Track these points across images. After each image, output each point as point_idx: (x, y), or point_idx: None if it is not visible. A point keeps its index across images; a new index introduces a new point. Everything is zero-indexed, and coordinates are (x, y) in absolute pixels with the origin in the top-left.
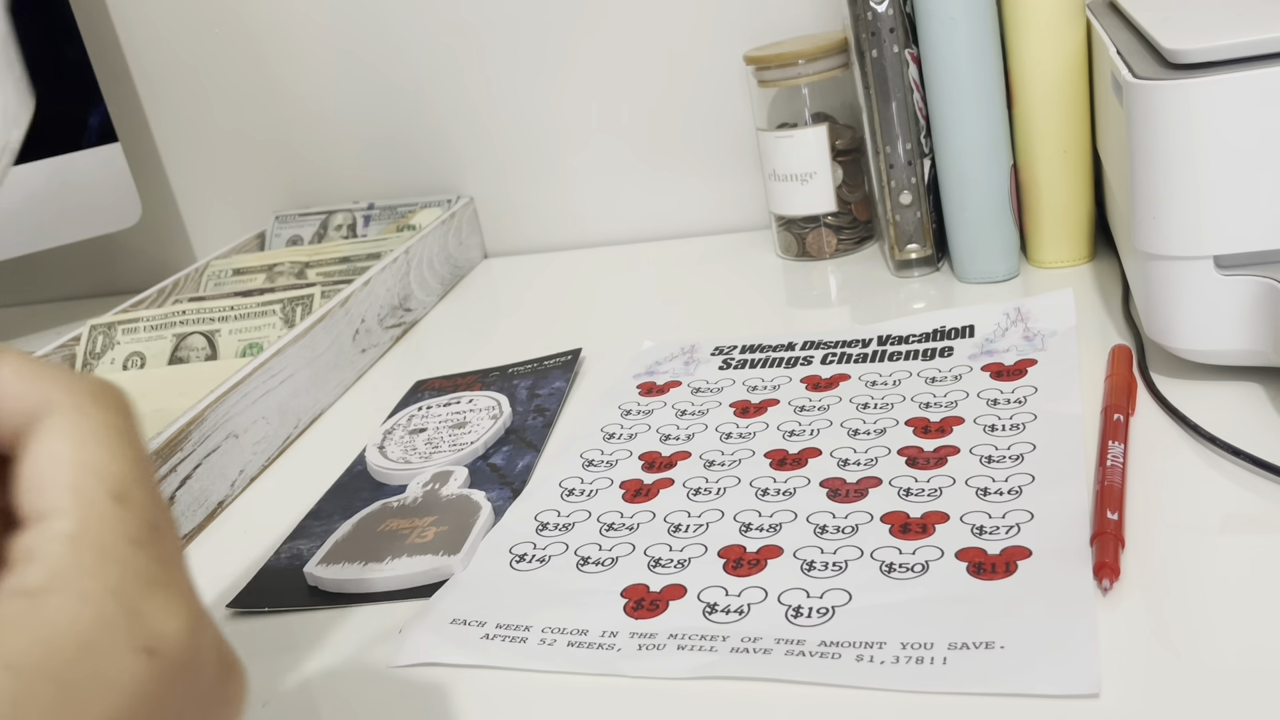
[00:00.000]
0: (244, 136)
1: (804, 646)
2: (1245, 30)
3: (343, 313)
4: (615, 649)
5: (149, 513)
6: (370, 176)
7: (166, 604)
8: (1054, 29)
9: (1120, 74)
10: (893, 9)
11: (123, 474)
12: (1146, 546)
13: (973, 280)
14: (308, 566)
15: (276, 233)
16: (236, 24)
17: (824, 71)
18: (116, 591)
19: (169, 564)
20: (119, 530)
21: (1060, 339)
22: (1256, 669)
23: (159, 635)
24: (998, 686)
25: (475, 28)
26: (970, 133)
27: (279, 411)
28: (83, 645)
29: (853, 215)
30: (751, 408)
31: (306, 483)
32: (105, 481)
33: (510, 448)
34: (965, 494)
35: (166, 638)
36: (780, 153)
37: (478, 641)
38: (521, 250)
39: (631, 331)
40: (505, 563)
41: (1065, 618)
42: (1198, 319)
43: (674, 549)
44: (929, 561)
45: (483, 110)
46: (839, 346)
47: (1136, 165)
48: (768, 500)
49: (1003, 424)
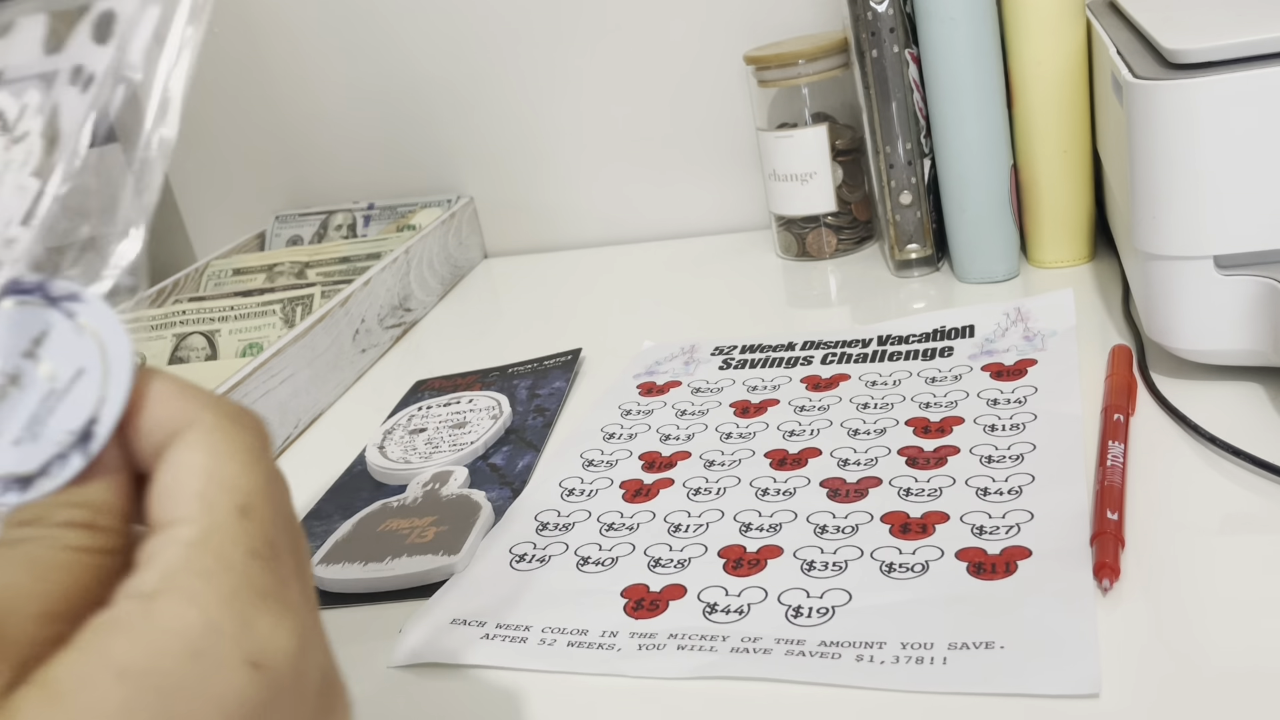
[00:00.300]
0: (244, 136)
1: (804, 646)
2: (1245, 30)
3: (343, 313)
4: (615, 649)
5: (271, 530)
6: (370, 176)
7: (278, 619)
8: (1054, 29)
9: (1120, 74)
10: (893, 9)
11: (251, 489)
12: (1146, 546)
13: (973, 280)
14: None
15: (276, 233)
16: (236, 24)
17: (824, 71)
18: (229, 599)
19: (285, 581)
20: (240, 541)
21: (1060, 339)
22: (1256, 669)
23: (267, 650)
24: (998, 686)
25: (476, 28)
26: (970, 133)
27: (279, 411)
28: (191, 652)
29: (853, 215)
30: (751, 408)
31: (306, 483)
32: (233, 494)
33: (510, 448)
34: (965, 494)
35: (274, 653)
36: (780, 153)
37: (478, 641)
38: (521, 250)
39: (631, 331)
40: (505, 563)
41: (1065, 618)
42: (1198, 319)
43: (674, 549)
44: (929, 561)
45: (483, 110)
46: (839, 346)
47: (1136, 165)
48: (768, 500)
49: (1003, 424)
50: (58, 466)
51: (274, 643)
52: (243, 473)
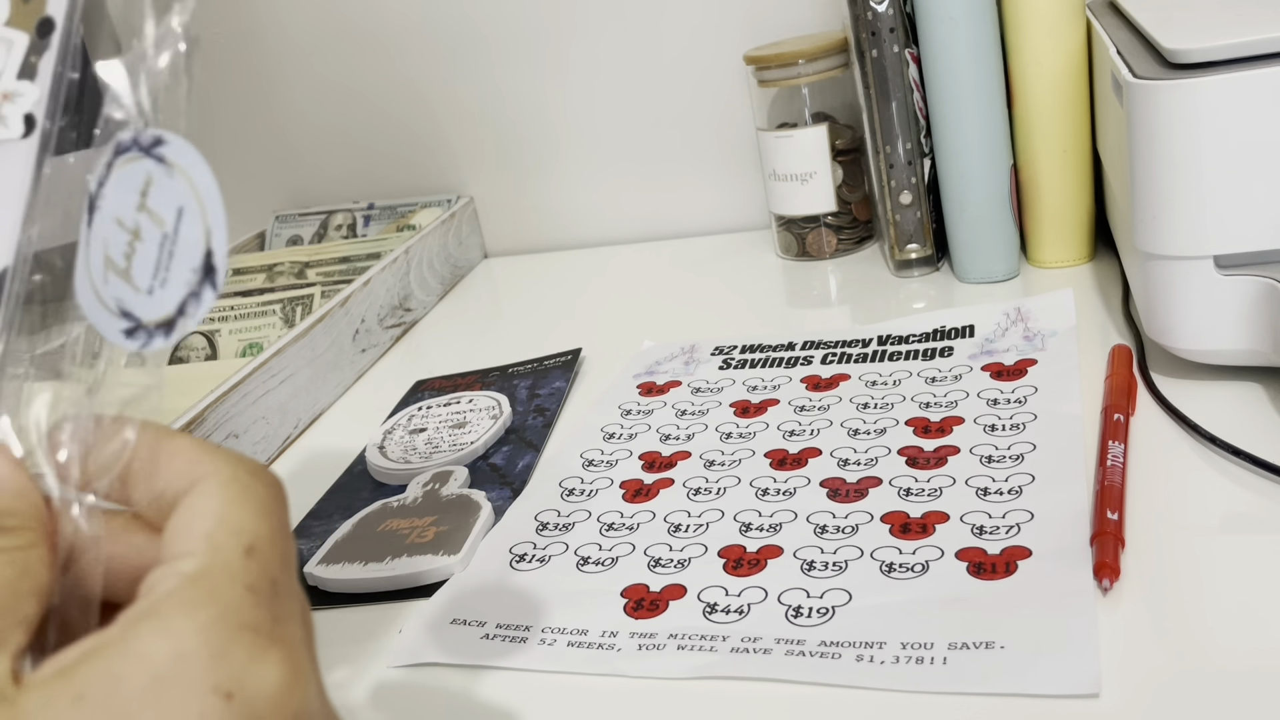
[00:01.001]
0: (244, 136)
1: (804, 646)
2: (1245, 30)
3: (343, 313)
4: (615, 649)
5: (275, 571)
6: (370, 176)
7: (262, 653)
8: (1054, 29)
9: (1120, 74)
10: (893, 9)
11: (259, 534)
12: (1146, 546)
13: (973, 280)
14: (308, 566)
15: (276, 233)
16: (236, 24)
17: (824, 71)
18: (205, 628)
19: (281, 620)
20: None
21: (1060, 339)
22: (1256, 669)
23: (243, 681)
24: (998, 686)
25: (476, 28)
26: (970, 133)
27: (279, 411)
28: (153, 678)
29: (853, 215)
30: (751, 408)
31: (306, 483)
32: (240, 536)
33: (510, 448)
34: (965, 494)
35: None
36: (780, 153)
37: (478, 641)
38: (521, 250)
39: (631, 331)
40: (505, 563)
41: (1065, 618)
42: (1198, 319)
43: (674, 549)
44: (929, 561)
45: (483, 110)
46: (839, 346)
47: (1136, 165)
48: (768, 500)
49: (1003, 424)
50: (192, 304)
51: (253, 675)
52: (253, 519)
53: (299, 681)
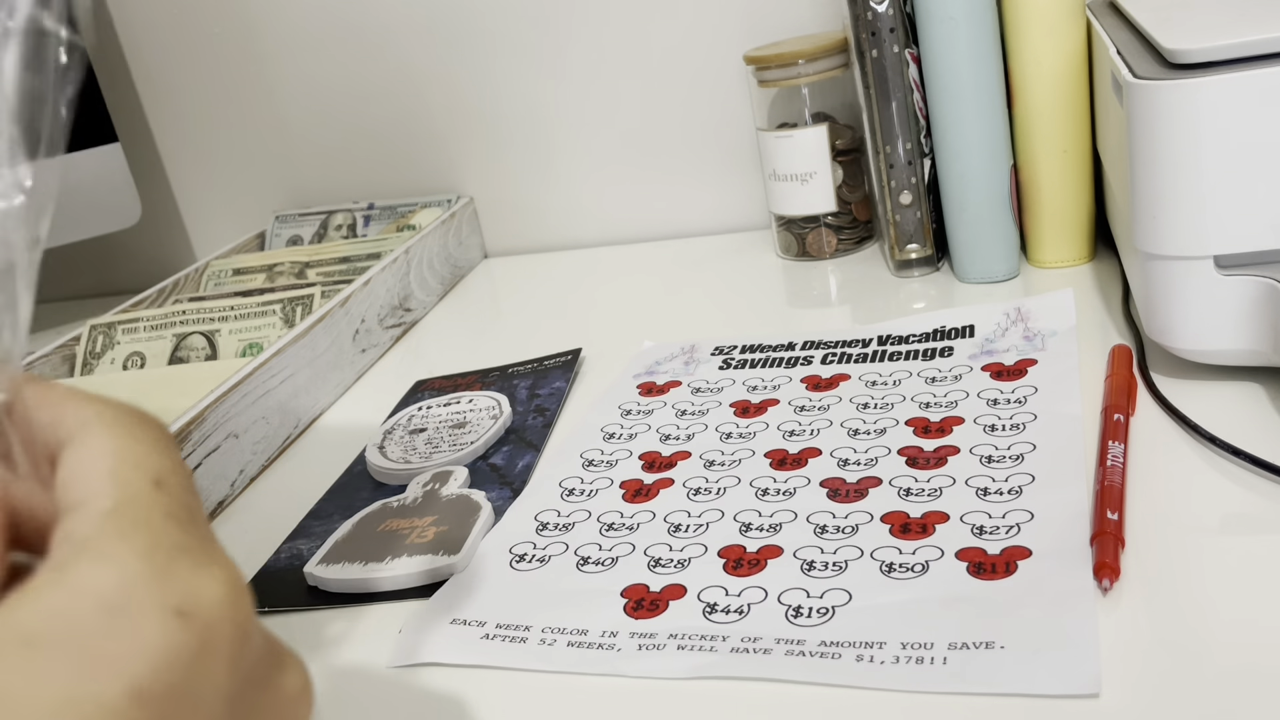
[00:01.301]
0: (244, 136)
1: (804, 646)
2: (1245, 30)
3: (343, 313)
4: (615, 649)
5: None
6: (370, 176)
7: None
8: (1054, 29)
9: (1120, 74)
10: (893, 9)
11: (162, 466)
12: (1146, 546)
13: (973, 280)
14: (308, 566)
15: (276, 233)
16: (236, 24)
17: (824, 71)
18: (145, 554)
19: (207, 541)
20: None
21: (1060, 339)
22: (1256, 669)
23: (193, 596)
24: (998, 686)
25: (476, 27)
26: (970, 133)
27: (279, 411)
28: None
29: (853, 215)
30: (751, 408)
31: (306, 483)
32: (145, 471)
33: (510, 448)
34: (965, 494)
35: (201, 601)
36: (780, 153)
37: (478, 641)
38: (521, 250)
39: (631, 331)
40: (505, 563)
41: (1065, 618)
42: (1198, 319)
43: (674, 549)
44: (929, 561)
45: (483, 110)
46: (839, 346)
47: (1136, 165)
48: (768, 500)
49: (1003, 424)
50: None
51: (200, 589)
52: (151, 454)
53: (243, 593)
